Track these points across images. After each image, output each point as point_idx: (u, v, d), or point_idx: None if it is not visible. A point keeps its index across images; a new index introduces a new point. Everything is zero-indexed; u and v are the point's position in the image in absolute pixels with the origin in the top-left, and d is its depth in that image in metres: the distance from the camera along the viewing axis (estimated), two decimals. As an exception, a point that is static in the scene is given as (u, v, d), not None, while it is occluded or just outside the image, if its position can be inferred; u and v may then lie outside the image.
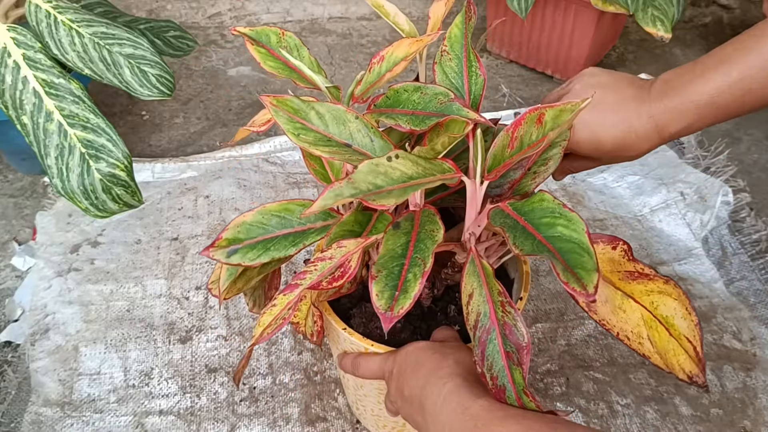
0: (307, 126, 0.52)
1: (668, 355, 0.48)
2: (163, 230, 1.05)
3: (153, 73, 0.89)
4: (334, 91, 0.57)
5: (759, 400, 0.85)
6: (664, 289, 0.49)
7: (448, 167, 0.50)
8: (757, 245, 1.05)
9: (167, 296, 0.96)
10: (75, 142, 0.83)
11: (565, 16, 1.32)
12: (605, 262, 0.51)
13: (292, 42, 0.63)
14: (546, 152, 0.57)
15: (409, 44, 0.57)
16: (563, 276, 0.43)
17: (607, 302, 0.49)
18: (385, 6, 0.67)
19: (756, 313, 0.96)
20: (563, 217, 0.46)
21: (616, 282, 0.50)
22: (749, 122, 1.33)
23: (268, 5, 1.63)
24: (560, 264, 0.43)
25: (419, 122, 0.53)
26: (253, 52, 0.61)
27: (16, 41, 0.84)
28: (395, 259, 0.49)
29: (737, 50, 0.54)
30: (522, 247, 0.46)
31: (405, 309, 0.46)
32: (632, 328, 0.49)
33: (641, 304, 0.49)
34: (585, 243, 0.44)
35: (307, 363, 0.88)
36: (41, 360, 0.87)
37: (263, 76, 1.45)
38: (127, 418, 0.82)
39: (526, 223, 0.48)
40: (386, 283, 0.48)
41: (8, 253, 1.03)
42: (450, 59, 0.57)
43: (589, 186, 1.16)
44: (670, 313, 0.49)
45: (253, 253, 0.53)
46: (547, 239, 0.46)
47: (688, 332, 0.48)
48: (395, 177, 0.47)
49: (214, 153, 1.21)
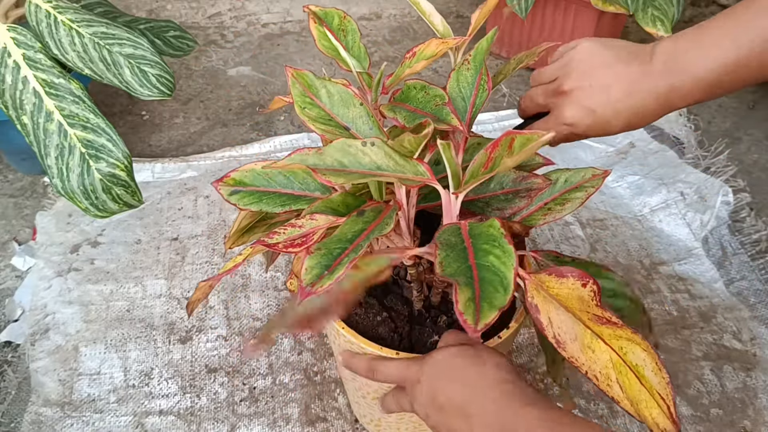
0: (315, 102, 0.56)
1: (640, 406, 0.46)
2: (163, 230, 1.05)
3: (153, 73, 0.89)
4: (365, 77, 0.61)
5: (759, 400, 0.85)
6: (632, 338, 0.47)
7: (423, 170, 0.50)
8: (757, 245, 1.05)
9: (167, 296, 0.96)
10: (75, 142, 0.83)
11: (565, 16, 1.32)
12: (574, 300, 0.49)
13: (350, 27, 0.65)
14: (570, 193, 0.56)
15: (436, 44, 0.60)
16: (462, 306, 0.42)
17: (576, 340, 0.47)
18: (422, 4, 0.68)
19: (756, 313, 0.96)
20: (500, 247, 0.46)
21: (585, 320, 0.48)
22: (749, 122, 1.33)
23: (268, 5, 1.64)
24: (471, 292, 0.43)
25: (412, 120, 0.54)
26: (314, 30, 0.64)
27: (16, 41, 0.84)
28: (341, 242, 0.49)
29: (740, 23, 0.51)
30: (446, 268, 0.45)
31: (325, 288, 0.46)
32: (600, 369, 0.47)
33: (610, 346, 0.47)
34: (507, 279, 0.44)
35: (307, 363, 0.88)
36: (41, 360, 0.87)
37: (263, 77, 1.45)
38: (127, 418, 0.82)
39: (470, 245, 0.47)
40: (320, 261, 0.47)
41: (8, 253, 1.03)
42: (468, 69, 0.58)
43: (589, 186, 1.16)
44: (639, 362, 0.46)
45: (248, 199, 0.56)
46: (477, 266, 0.45)
47: (660, 389, 0.46)
48: (363, 162, 0.49)
49: (214, 153, 1.21)
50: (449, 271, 0.45)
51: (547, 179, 0.56)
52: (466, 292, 0.43)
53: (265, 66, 1.48)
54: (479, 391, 0.50)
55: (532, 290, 0.49)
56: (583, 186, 0.56)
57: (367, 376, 0.60)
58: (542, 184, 0.55)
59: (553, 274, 0.50)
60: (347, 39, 0.64)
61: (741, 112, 1.36)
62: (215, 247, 1.02)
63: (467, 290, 0.43)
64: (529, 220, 0.57)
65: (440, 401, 0.52)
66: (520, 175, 0.56)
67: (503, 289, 0.43)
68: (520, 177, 0.56)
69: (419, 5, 0.68)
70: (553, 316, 0.48)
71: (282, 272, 0.99)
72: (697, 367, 0.88)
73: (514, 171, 0.56)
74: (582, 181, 0.57)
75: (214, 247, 1.02)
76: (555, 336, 0.48)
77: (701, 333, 0.93)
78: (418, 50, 0.61)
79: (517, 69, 0.61)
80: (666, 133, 1.26)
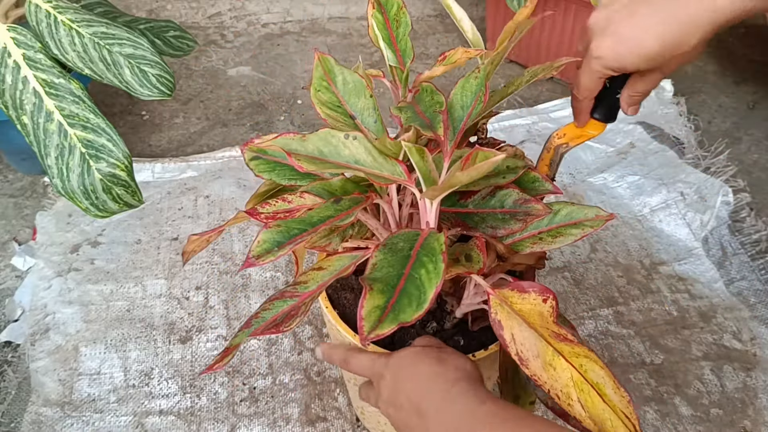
0: (330, 87, 0.58)
1: (605, 426, 0.44)
2: (163, 230, 1.05)
3: (153, 73, 0.89)
4: (398, 71, 0.63)
5: (759, 400, 0.85)
6: (589, 356, 0.46)
7: (400, 171, 0.51)
8: (757, 245, 1.05)
9: (167, 296, 0.96)
10: (75, 142, 0.83)
11: (565, 16, 1.32)
12: (535, 315, 0.48)
13: (404, 19, 0.66)
14: (567, 228, 0.55)
15: (462, 53, 0.62)
16: (366, 312, 0.42)
17: (539, 357, 0.46)
18: (454, 8, 0.69)
19: (756, 313, 0.96)
20: (433, 263, 0.46)
21: (546, 337, 0.47)
22: (749, 122, 1.33)
23: (268, 5, 1.64)
24: (384, 301, 0.43)
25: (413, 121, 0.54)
26: (371, 18, 0.65)
27: (16, 41, 0.84)
28: (303, 224, 0.49)
29: None
30: (375, 272, 0.46)
31: (264, 262, 0.47)
32: (562, 388, 0.46)
33: (571, 364, 0.46)
34: (426, 296, 0.44)
35: (307, 363, 0.88)
36: (41, 360, 0.87)
37: (263, 76, 1.45)
38: (127, 418, 0.82)
39: (415, 254, 0.47)
40: (274, 237, 0.48)
41: (8, 253, 1.03)
42: (475, 78, 0.58)
43: (589, 186, 1.16)
44: (599, 380, 0.46)
45: (264, 166, 0.58)
46: (408, 276, 0.45)
47: (623, 407, 0.45)
48: (342, 154, 0.50)
49: (214, 153, 1.21)
50: (376, 275, 0.45)
51: (547, 207, 0.55)
52: (378, 299, 0.43)
53: (265, 66, 1.48)
54: (436, 391, 0.50)
55: (495, 306, 0.49)
56: (582, 224, 0.55)
57: (341, 366, 0.61)
58: (542, 211, 0.54)
59: (515, 289, 0.49)
60: (398, 31, 0.65)
61: (741, 112, 1.36)
62: (215, 247, 1.02)
63: (380, 298, 0.43)
64: (517, 246, 0.56)
65: (400, 399, 0.53)
66: (522, 197, 0.55)
67: (417, 305, 0.43)
68: (521, 200, 0.55)
69: (451, 9, 0.69)
70: (516, 332, 0.47)
71: (282, 272, 0.99)
72: (697, 367, 0.88)
73: (517, 192, 0.56)
74: (583, 219, 0.55)
75: (214, 247, 1.02)
76: (518, 353, 0.47)
77: (701, 333, 0.93)
78: (448, 54, 0.63)
79: (532, 81, 0.61)
80: (666, 133, 1.26)
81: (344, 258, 0.54)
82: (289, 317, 0.49)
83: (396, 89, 0.65)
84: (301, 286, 0.52)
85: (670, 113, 1.30)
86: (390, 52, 0.64)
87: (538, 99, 1.38)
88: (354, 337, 0.60)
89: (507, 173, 0.58)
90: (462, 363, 0.52)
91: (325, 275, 0.52)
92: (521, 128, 1.28)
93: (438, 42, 1.56)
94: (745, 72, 1.46)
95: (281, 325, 0.49)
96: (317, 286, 0.51)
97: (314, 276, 0.53)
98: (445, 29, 1.60)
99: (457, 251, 0.54)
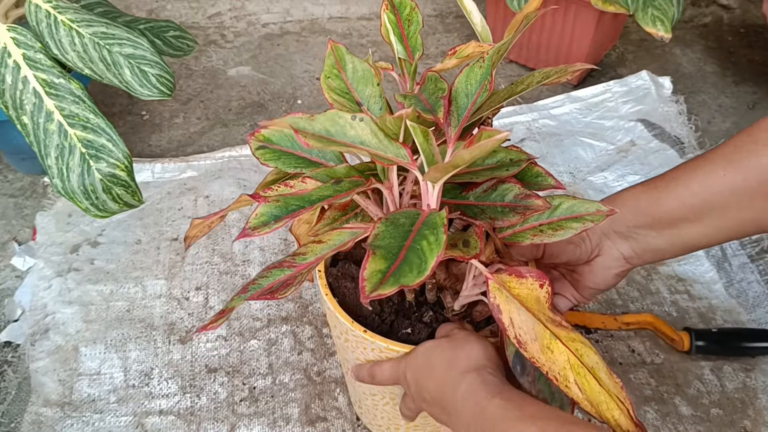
0: (340, 74, 0.61)
1: (601, 408, 0.46)
2: (163, 230, 1.05)
3: (153, 73, 0.89)
4: (407, 63, 0.64)
5: (759, 400, 0.85)
6: (584, 342, 0.48)
7: (404, 154, 0.51)
8: (756, 246, 1.05)
9: (167, 296, 0.96)
10: (75, 142, 0.83)
11: (565, 16, 1.32)
12: (532, 300, 0.50)
13: (415, 18, 0.68)
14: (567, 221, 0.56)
15: (473, 47, 0.63)
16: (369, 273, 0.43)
17: (537, 340, 0.48)
18: (465, 2, 0.69)
19: (755, 314, 0.96)
20: (434, 235, 0.47)
21: (543, 321, 0.49)
22: (749, 122, 1.32)
23: (268, 5, 1.63)
24: (386, 266, 0.44)
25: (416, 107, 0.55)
26: (385, 16, 0.67)
27: (16, 41, 0.84)
28: (302, 201, 0.51)
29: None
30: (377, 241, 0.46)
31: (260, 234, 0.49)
32: (559, 370, 0.47)
33: (568, 347, 0.48)
34: (427, 264, 0.44)
35: (307, 363, 0.88)
36: (41, 360, 0.87)
37: (263, 77, 1.45)
38: (127, 418, 0.82)
39: (416, 229, 0.48)
40: (271, 211, 0.50)
41: (8, 253, 1.03)
42: (480, 67, 0.58)
43: (589, 185, 1.16)
44: (594, 365, 0.47)
45: (270, 155, 0.59)
46: (409, 247, 0.46)
47: (617, 392, 0.47)
48: (348, 134, 0.50)
49: (214, 153, 1.21)
50: (377, 243, 0.46)
51: (547, 203, 0.56)
52: (380, 264, 0.44)
53: (265, 66, 1.48)
54: (449, 388, 0.51)
55: (494, 290, 0.50)
56: (582, 218, 0.56)
57: (370, 382, 0.61)
58: (541, 206, 0.55)
59: (513, 275, 0.51)
60: (410, 29, 0.67)
61: (741, 112, 1.36)
62: (215, 247, 1.02)
63: (382, 263, 0.44)
64: (517, 237, 0.57)
65: (426, 397, 0.54)
66: (523, 192, 0.56)
67: (419, 272, 0.44)
68: (522, 194, 0.56)
69: (463, 2, 0.69)
70: (515, 316, 0.49)
71: (282, 272, 0.99)
72: (697, 367, 0.88)
73: (518, 187, 0.56)
74: (584, 213, 0.56)
75: (214, 247, 1.02)
76: (516, 336, 0.48)
77: (701, 333, 0.93)
78: (459, 49, 0.63)
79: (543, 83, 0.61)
80: (666, 132, 1.26)
81: (344, 233, 0.54)
82: (284, 285, 0.51)
83: (404, 81, 0.66)
84: (300, 257, 0.53)
85: (670, 111, 1.30)
86: (400, 46, 0.65)
87: (537, 99, 1.38)
88: (353, 324, 0.60)
89: (510, 165, 0.59)
90: (474, 350, 0.53)
91: (324, 248, 0.53)
92: (521, 125, 1.28)
93: (438, 42, 1.56)
94: (745, 72, 1.46)
95: (276, 292, 0.50)
96: (315, 258, 0.52)
97: (313, 249, 0.54)
98: (445, 29, 1.60)
99: (455, 238, 0.55)
